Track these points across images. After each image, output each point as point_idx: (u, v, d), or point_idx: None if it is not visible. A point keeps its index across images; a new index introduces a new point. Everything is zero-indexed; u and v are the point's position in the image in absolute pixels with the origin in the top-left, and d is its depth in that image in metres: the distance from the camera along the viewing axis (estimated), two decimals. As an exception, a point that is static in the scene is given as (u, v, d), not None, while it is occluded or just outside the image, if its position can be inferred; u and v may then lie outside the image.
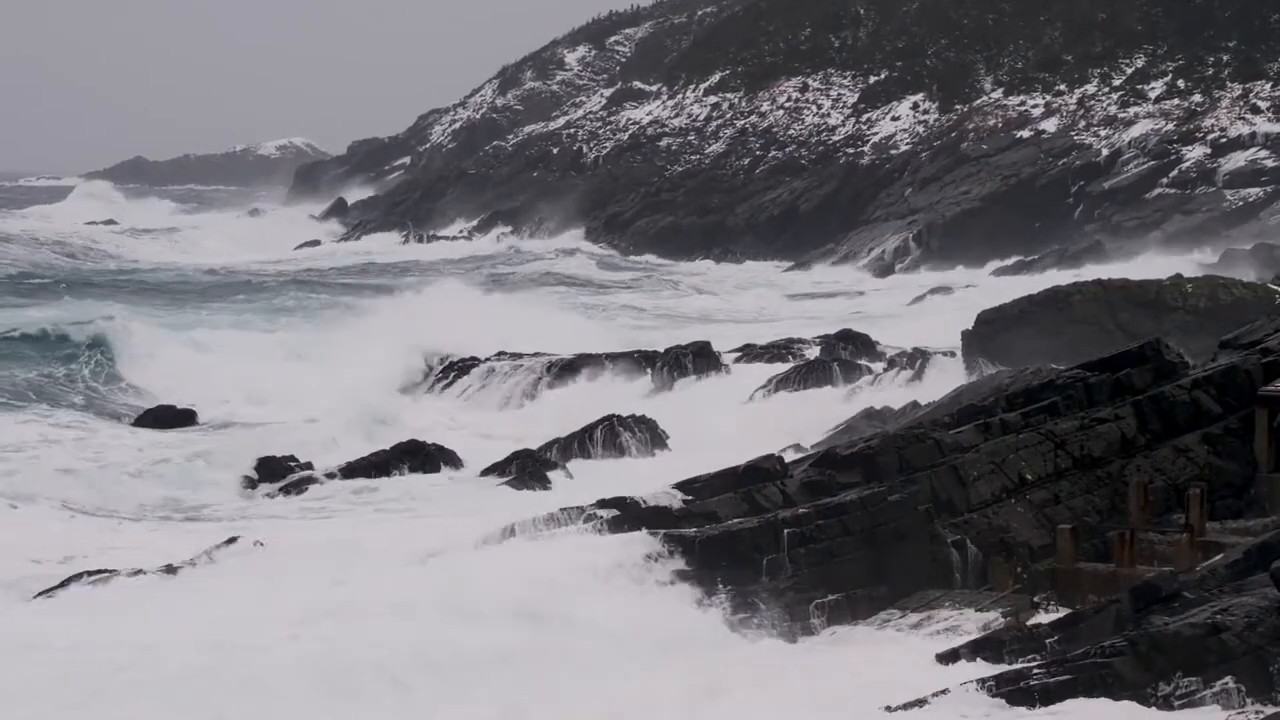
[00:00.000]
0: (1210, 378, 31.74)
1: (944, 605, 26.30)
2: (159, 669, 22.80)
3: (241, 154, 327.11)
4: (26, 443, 43.33)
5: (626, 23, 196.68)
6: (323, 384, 52.16)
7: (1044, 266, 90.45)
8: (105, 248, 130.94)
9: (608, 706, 22.53)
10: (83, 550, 31.90)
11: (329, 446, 43.68)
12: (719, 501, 29.16)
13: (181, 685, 22.26)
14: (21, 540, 32.50)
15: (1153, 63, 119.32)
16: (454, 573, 26.31)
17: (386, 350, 56.76)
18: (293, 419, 47.79)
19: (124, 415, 49.53)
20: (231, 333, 64.61)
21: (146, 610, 25.43)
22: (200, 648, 23.39)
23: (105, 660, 23.13)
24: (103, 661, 23.08)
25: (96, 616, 25.23)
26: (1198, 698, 21.80)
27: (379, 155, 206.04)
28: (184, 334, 61.71)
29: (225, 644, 23.48)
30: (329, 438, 44.68)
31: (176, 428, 47.58)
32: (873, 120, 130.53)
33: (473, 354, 56.11)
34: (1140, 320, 48.43)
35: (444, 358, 56.66)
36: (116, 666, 22.90)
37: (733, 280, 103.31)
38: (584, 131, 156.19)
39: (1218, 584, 24.33)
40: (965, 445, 30.36)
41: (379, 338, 58.76)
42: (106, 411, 50.09)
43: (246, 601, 25.36)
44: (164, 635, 23.96)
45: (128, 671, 22.75)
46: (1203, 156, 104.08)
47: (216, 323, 69.21)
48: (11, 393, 50.21)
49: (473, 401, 53.27)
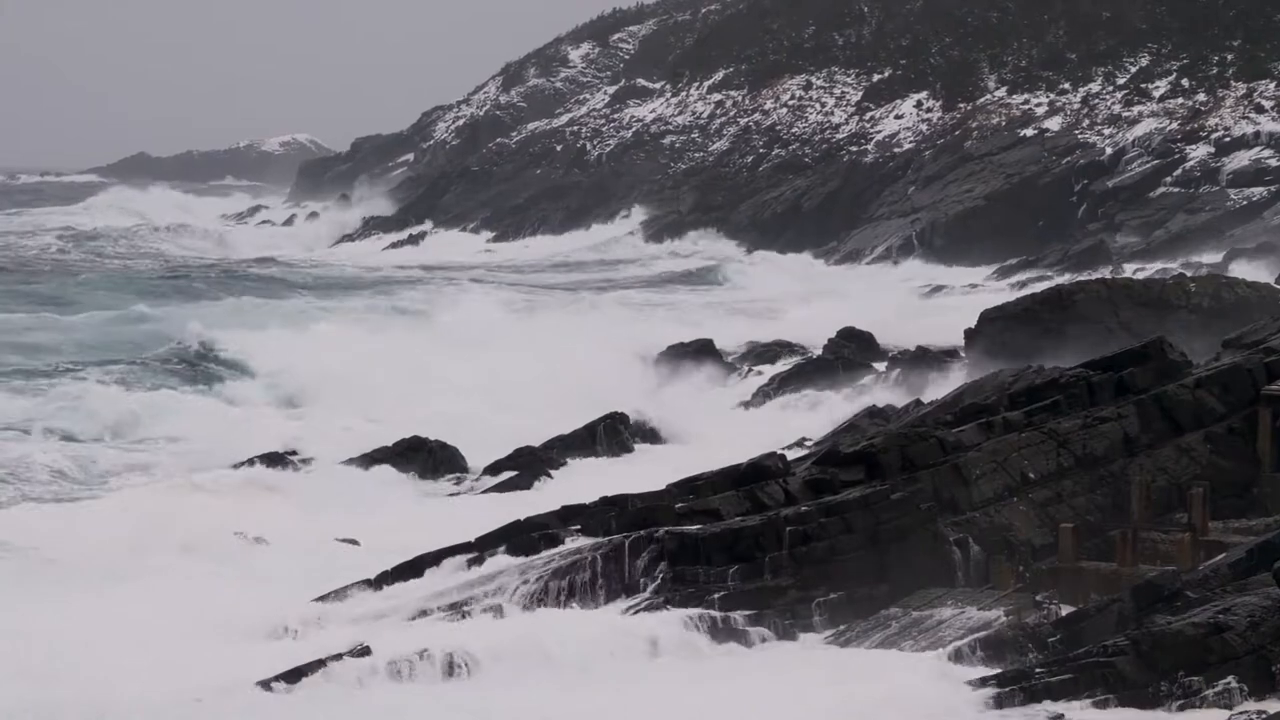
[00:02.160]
0: (1213, 377, 31.73)
1: (946, 604, 26.28)
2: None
3: (245, 150, 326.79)
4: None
5: (630, 20, 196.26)
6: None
7: (1047, 265, 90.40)
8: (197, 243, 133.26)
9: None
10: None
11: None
12: (721, 499, 29.15)
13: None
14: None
15: (1157, 61, 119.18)
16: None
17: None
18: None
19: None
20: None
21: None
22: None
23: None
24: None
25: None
26: (1200, 697, 21.81)
27: (383, 152, 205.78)
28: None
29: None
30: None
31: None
32: (876, 118, 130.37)
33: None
34: (1143, 319, 48.36)
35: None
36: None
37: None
38: (588, 129, 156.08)
39: (1220, 583, 24.34)
40: (968, 444, 30.34)
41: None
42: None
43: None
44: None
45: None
46: (1206, 156, 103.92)
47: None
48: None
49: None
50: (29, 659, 23.87)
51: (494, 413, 49.21)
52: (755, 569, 26.96)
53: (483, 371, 54.36)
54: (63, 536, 32.99)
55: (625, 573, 26.99)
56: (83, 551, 31.96)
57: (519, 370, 54.15)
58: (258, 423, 48.96)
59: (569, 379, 52.93)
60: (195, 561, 31.54)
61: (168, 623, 26.41)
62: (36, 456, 42.62)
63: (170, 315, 68.34)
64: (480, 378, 53.44)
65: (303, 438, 45.90)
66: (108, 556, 31.50)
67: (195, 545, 32.61)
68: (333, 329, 64.14)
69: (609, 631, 25.31)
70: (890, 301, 76.32)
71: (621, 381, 52.56)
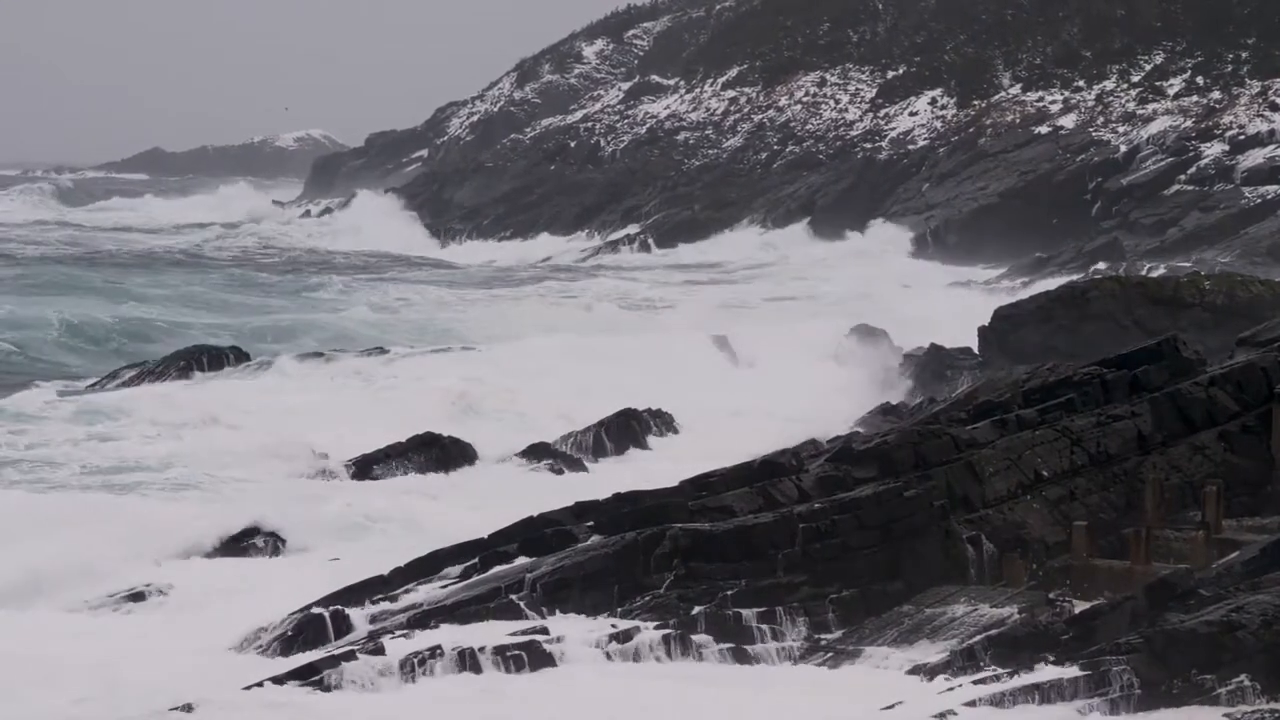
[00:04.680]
0: (1227, 375, 31.72)
1: (958, 601, 26.29)
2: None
3: (259, 145, 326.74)
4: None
5: (644, 16, 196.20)
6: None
7: (1061, 263, 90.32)
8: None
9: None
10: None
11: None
12: (734, 496, 29.16)
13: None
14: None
15: (1171, 59, 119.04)
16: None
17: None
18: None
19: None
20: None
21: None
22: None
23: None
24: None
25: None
26: (1213, 695, 21.81)
27: (396, 148, 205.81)
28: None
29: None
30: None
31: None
32: (890, 115, 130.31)
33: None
34: (1157, 317, 48.33)
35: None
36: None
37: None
38: (601, 125, 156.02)
39: (1233, 581, 24.32)
40: (981, 441, 30.36)
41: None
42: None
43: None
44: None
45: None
46: (1221, 153, 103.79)
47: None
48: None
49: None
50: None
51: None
52: (768, 566, 26.97)
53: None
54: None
55: (637, 570, 26.97)
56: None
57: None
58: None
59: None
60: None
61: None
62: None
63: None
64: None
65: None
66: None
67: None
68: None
69: (617, 630, 25.28)
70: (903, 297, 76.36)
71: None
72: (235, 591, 29.11)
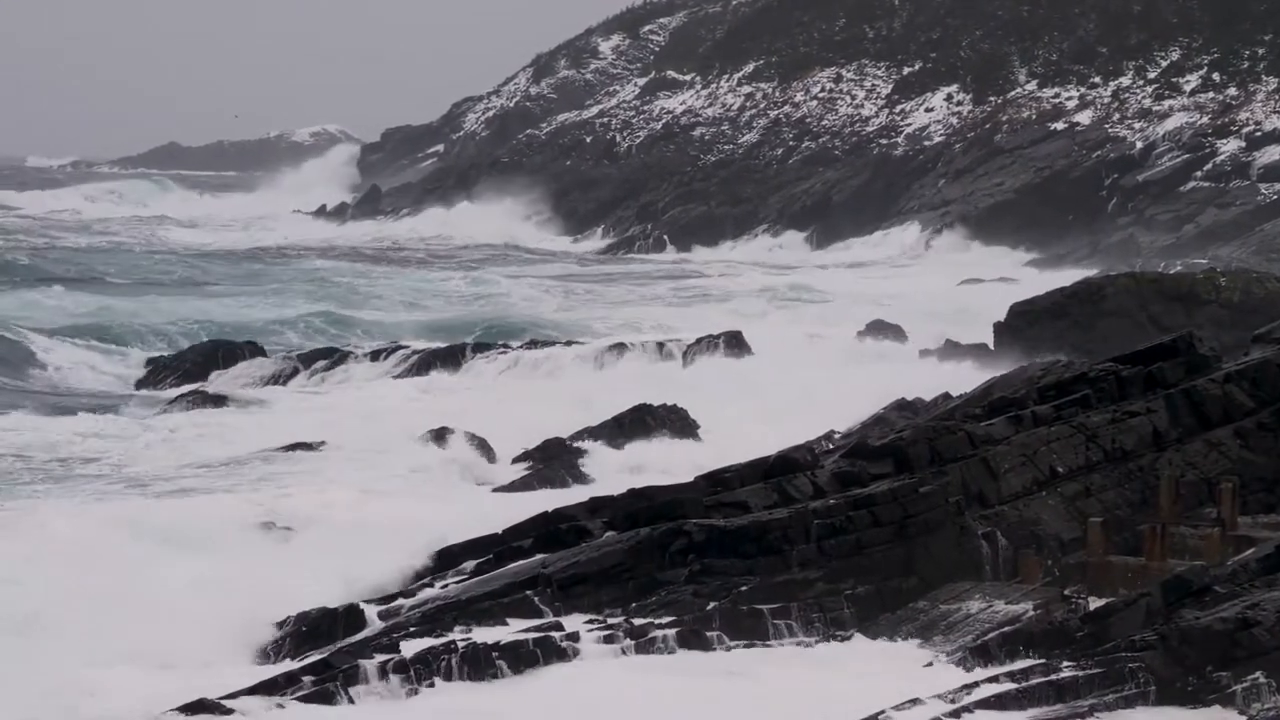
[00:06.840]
0: (1243, 371, 31.66)
1: (974, 597, 26.28)
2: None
3: (275, 140, 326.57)
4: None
5: (661, 12, 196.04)
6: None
7: (1077, 259, 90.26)
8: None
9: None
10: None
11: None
12: (749, 492, 29.15)
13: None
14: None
15: (1188, 55, 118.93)
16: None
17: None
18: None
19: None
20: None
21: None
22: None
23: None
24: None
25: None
26: (1228, 693, 21.80)
27: (412, 142, 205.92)
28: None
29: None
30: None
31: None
32: (906, 111, 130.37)
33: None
34: (1173, 313, 48.27)
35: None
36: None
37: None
38: (617, 120, 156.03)
39: (1249, 578, 24.30)
40: (996, 437, 30.32)
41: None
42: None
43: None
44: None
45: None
46: (1237, 150, 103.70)
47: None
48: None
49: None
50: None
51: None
52: (783, 562, 26.96)
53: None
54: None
55: (652, 565, 26.97)
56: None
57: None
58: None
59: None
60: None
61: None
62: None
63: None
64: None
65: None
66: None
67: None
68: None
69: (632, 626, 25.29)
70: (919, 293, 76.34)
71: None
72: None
